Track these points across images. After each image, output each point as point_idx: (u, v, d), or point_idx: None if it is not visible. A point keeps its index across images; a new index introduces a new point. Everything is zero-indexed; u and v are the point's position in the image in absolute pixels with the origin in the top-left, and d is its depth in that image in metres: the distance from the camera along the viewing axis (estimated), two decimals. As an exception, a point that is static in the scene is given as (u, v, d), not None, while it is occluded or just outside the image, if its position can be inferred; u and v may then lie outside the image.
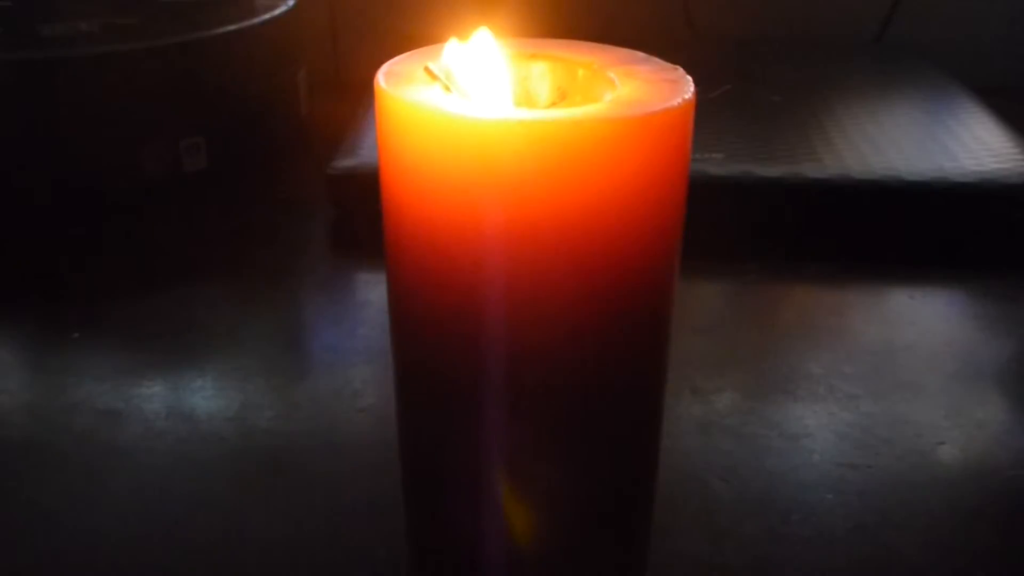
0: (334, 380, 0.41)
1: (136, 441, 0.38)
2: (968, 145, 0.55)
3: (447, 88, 0.24)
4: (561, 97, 0.27)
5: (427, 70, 0.24)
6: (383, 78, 0.24)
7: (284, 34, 0.63)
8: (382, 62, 0.25)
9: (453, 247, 0.23)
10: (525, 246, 0.23)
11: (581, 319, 0.24)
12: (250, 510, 0.34)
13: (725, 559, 0.32)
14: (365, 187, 0.47)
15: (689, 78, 0.24)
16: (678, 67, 0.25)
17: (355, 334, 0.45)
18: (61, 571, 0.32)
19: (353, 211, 0.54)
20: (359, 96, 0.63)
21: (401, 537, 0.30)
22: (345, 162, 0.53)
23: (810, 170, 0.52)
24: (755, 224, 0.52)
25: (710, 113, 0.59)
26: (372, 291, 0.49)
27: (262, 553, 0.32)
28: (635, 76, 0.25)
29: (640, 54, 0.26)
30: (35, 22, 0.59)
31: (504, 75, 0.26)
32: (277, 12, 0.62)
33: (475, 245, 0.23)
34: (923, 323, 0.46)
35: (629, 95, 0.23)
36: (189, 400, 0.40)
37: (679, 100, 0.23)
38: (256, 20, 0.60)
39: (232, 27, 0.59)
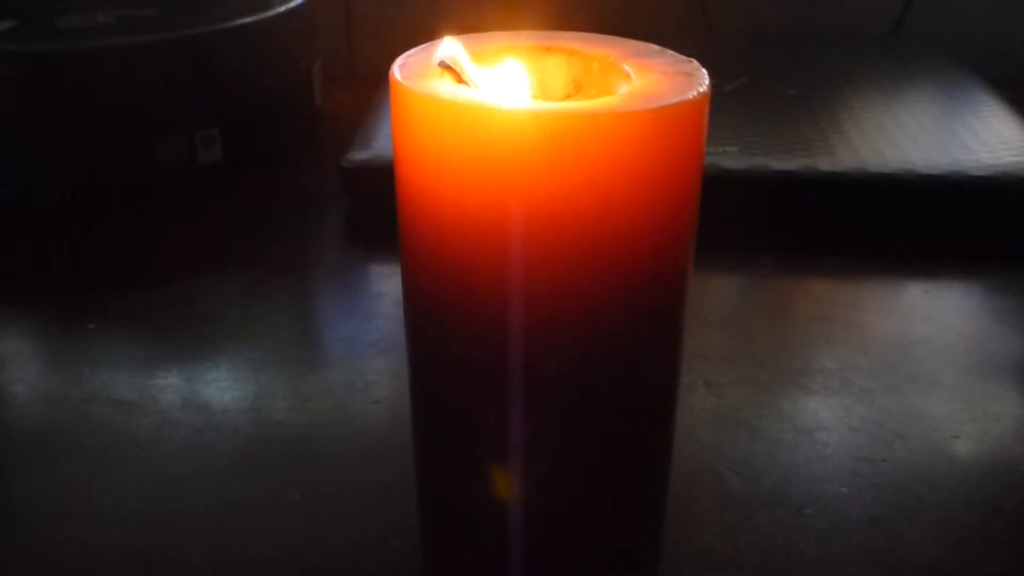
0: (347, 372, 0.41)
1: (151, 431, 0.38)
2: (984, 138, 0.55)
3: (461, 81, 0.24)
4: (576, 90, 0.27)
5: (441, 64, 0.24)
6: (398, 70, 0.24)
7: (299, 26, 0.64)
8: (396, 54, 0.25)
9: (467, 239, 0.23)
10: (539, 238, 0.23)
11: (595, 311, 0.24)
12: (264, 500, 0.34)
13: (738, 551, 0.32)
14: (379, 179, 0.47)
15: (704, 71, 0.24)
16: (693, 60, 0.25)
17: (369, 326, 0.45)
18: (76, 560, 0.32)
19: (367, 203, 0.54)
20: (373, 88, 0.63)
21: (415, 528, 0.30)
22: (359, 154, 0.53)
23: (825, 163, 0.52)
24: (769, 218, 0.52)
25: (725, 106, 0.59)
26: (385, 283, 0.49)
27: (276, 543, 0.33)
28: (650, 69, 0.25)
29: (655, 47, 0.26)
30: (52, 14, 0.60)
31: (518, 68, 0.26)
32: (292, 4, 0.62)
33: (489, 238, 0.23)
34: (938, 317, 0.46)
35: (644, 88, 0.23)
36: (204, 391, 0.40)
37: (694, 93, 0.23)
38: (271, 12, 0.60)
39: (247, 19, 0.59)
